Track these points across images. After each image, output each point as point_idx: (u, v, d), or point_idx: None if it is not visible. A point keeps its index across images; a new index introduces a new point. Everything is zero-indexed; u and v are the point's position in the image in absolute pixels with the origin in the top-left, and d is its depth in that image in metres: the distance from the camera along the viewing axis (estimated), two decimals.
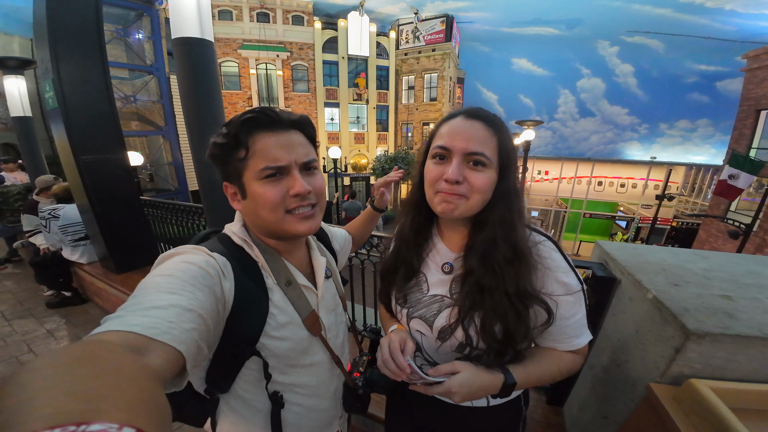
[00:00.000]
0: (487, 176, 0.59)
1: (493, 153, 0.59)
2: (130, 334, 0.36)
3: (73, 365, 0.24)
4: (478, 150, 0.57)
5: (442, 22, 16.35)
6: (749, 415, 0.59)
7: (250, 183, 0.57)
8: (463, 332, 0.62)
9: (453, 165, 0.58)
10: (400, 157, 14.54)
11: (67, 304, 2.96)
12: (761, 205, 7.74)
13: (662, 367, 0.74)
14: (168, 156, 10.40)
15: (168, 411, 0.26)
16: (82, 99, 2.33)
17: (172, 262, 0.50)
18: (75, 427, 0.18)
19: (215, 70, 1.81)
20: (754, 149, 10.20)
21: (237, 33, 14.09)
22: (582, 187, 16.41)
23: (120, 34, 8.81)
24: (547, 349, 0.67)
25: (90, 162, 2.47)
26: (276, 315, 0.60)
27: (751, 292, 0.85)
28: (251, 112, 0.56)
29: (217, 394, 0.64)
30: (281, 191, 0.57)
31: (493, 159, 0.58)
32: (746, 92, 10.50)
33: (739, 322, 0.70)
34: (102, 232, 2.67)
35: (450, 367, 0.60)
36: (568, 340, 0.64)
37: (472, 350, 0.63)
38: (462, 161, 0.58)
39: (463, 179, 0.58)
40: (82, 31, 2.26)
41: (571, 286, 0.61)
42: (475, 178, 0.58)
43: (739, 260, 1.11)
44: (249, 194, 0.58)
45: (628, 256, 1.13)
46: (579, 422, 1.19)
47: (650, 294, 0.85)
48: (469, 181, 0.58)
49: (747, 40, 20.77)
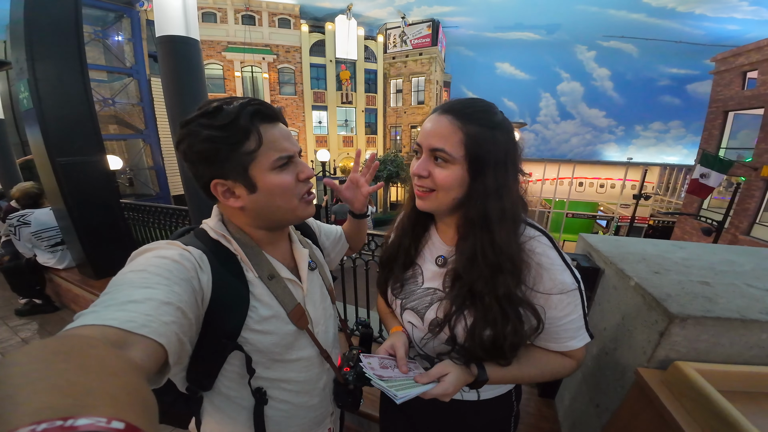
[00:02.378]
0: (449, 172, 0.58)
1: (456, 148, 0.56)
2: (107, 328, 0.34)
3: (54, 360, 0.23)
4: (437, 146, 0.58)
5: (429, 26, 16.65)
6: (737, 398, 0.61)
7: (263, 175, 0.56)
8: (450, 327, 0.62)
9: (421, 160, 0.61)
10: (389, 159, 14.59)
11: (39, 312, 2.82)
12: (731, 202, 8.19)
13: (649, 351, 0.77)
14: (148, 160, 10.09)
15: (154, 405, 0.25)
16: (58, 99, 2.24)
17: (144, 258, 0.49)
18: (62, 422, 0.17)
19: (201, 69, 1.77)
20: (723, 149, 10.80)
21: (221, 35, 13.88)
22: (564, 188, 16.92)
23: (98, 36, 8.52)
24: (534, 349, 0.66)
25: (67, 164, 2.36)
26: (258, 308, 0.59)
27: (727, 279, 0.89)
28: (255, 105, 0.55)
29: (200, 392, 0.62)
30: (293, 176, 0.59)
31: (456, 155, 0.56)
32: (715, 94, 11.13)
33: (718, 306, 0.74)
34: (80, 237, 2.55)
35: (440, 370, 0.59)
36: (560, 341, 0.62)
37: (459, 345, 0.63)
38: (429, 156, 0.60)
39: (428, 174, 0.59)
40: (61, 31, 2.19)
41: (566, 284, 0.58)
42: (438, 173, 0.59)
43: (715, 250, 1.17)
44: (261, 186, 0.57)
45: (611, 247, 1.17)
46: (572, 413, 1.22)
47: (632, 281, 0.89)
48: (433, 175, 0.59)
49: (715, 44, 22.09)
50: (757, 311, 0.72)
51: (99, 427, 0.18)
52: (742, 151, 10.45)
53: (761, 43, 9.37)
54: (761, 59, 9.29)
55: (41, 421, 0.17)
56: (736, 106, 10.24)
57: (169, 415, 0.63)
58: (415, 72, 16.26)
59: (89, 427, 0.18)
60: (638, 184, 11.73)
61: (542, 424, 1.34)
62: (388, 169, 14.28)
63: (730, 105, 10.48)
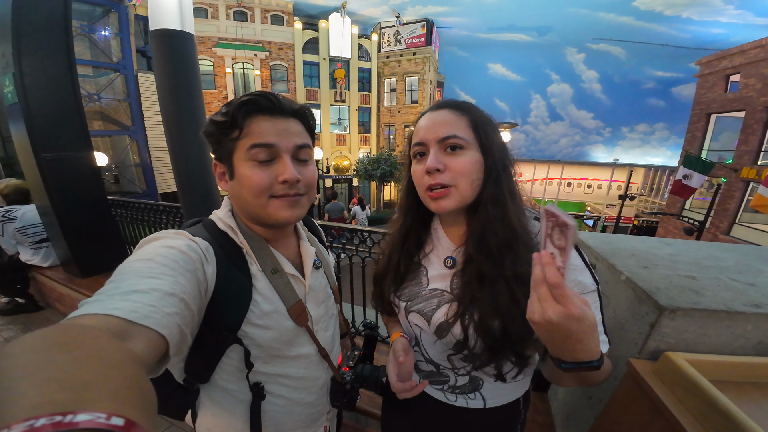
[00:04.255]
0: (468, 157, 0.57)
1: (467, 132, 0.57)
2: (111, 317, 0.34)
3: (54, 351, 0.23)
4: (449, 133, 0.56)
5: (423, 26, 16.70)
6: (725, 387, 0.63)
7: (239, 164, 0.56)
8: (461, 328, 0.59)
9: (431, 155, 0.58)
10: (383, 158, 14.60)
11: (22, 311, 2.75)
12: (712, 203, 8.49)
13: (640, 343, 0.80)
14: (135, 157, 9.85)
15: (154, 398, 0.25)
16: (44, 94, 2.18)
17: (151, 247, 0.49)
18: (61, 417, 0.17)
19: (196, 64, 1.74)
20: (705, 151, 11.16)
21: (212, 31, 13.63)
22: (553, 188, 17.22)
23: (85, 31, 8.27)
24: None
25: (52, 160, 2.30)
26: (260, 303, 0.59)
27: (712, 273, 0.93)
28: (251, 95, 0.56)
29: (197, 384, 0.62)
30: (269, 176, 0.56)
31: (468, 138, 0.57)
32: (698, 97, 11.47)
33: (705, 298, 0.77)
34: (65, 234, 2.48)
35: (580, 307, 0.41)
36: None
37: (468, 350, 0.60)
38: (439, 149, 0.57)
39: (444, 167, 0.57)
40: (50, 25, 2.14)
41: (585, 284, 0.56)
42: (455, 162, 0.56)
43: (700, 246, 1.21)
44: (236, 175, 0.57)
45: (601, 243, 1.21)
46: (565, 405, 1.25)
47: (623, 276, 0.92)
48: (450, 167, 0.56)
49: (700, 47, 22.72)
50: (741, 303, 0.75)
51: (98, 423, 0.17)
52: (724, 152, 10.81)
53: (744, 46, 9.64)
54: (744, 62, 9.57)
55: (40, 416, 0.17)
56: (719, 108, 10.57)
57: (165, 407, 0.62)
58: (409, 71, 16.28)
59: (89, 423, 0.17)
60: (624, 184, 12.04)
61: (536, 418, 1.37)
62: (381, 168, 14.29)
63: (712, 107, 10.82)
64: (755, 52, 9.30)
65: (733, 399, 0.59)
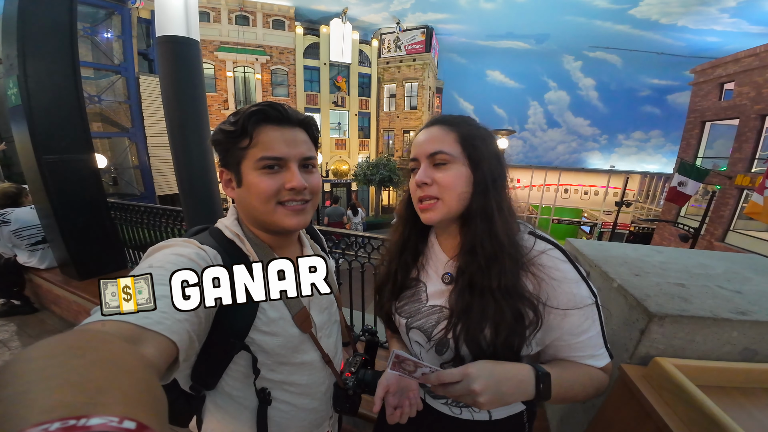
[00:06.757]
0: (453, 172, 0.59)
1: (454, 147, 0.60)
2: (123, 323, 0.35)
3: (68, 355, 0.24)
4: (436, 149, 0.60)
5: (423, 33, 16.89)
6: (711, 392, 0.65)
7: (247, 172, 0.58)
8: (453, 338, 0.60)
9: (420, 169, 0.62)
10: (382, 163, 14.66)
11: (16, 313, 2.73)
12: (707, 210, 8.58)
13: (631, 348, 0.82)
14: (134, 159, 9.84)
15: (165, 403, 0.25)
16: (48, 96, 2.19)
17: (162, 254, 0.50)
18: (75, 421, 0.17)
19: (201, 71, 1.77)
20: (700, 158, 11.28)
21: (214, 35, 13.74)
22: (550, 195, 17.33)
23: (87, 33, 8.32)
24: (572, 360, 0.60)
25: (53, 162, 2.31)
26: (266, 310, 0.61)
27: (701, 281, 0.96)
28: (260, 105, 0.58)
29: (203, 391, 0.63)
30: (277, 183, 0.58)
31: (455, 153, 0.59)
32: (693, 105, 11.60)
33: (693, 305, 0.80)
34: (63, 236, 2.48)
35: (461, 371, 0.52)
36: (579, 359, 0.59)
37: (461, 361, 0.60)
38: (428, 164, 0.61)
39: (431, 181, 0.60)
40: (55, 28, 2.17)
41: (581, 297, 0.56)
42: (441, 176, 0.59)
43: (690, 254, 1.25)
44: (244, 183, 0.59)
45: (595, 251, 1.24)
46: (560, 409, 1.27)
47: (615, 283, 0.95)
48: (437, 180, 0.59)
49: (695, 55, 23.01)
50: (727, 311, 0.78)
51: (111, 427, 0.18)
52: (718, 160, 10.94)
53: (738, 54, 9.78)
54: (738, 71, 9.68)
55: (55, 420, 0.17)
56: (713, 116, 10.70)
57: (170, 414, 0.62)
58: (409, 77, 16.43)
59: (102, 426, 0.18)
60: (620, 191, 12.13)
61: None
62: (380, 173, 14.34)
63: (707, 115, 10.94)
64: (749, 61, 9.43)
65: (720, 403, 0.61)
